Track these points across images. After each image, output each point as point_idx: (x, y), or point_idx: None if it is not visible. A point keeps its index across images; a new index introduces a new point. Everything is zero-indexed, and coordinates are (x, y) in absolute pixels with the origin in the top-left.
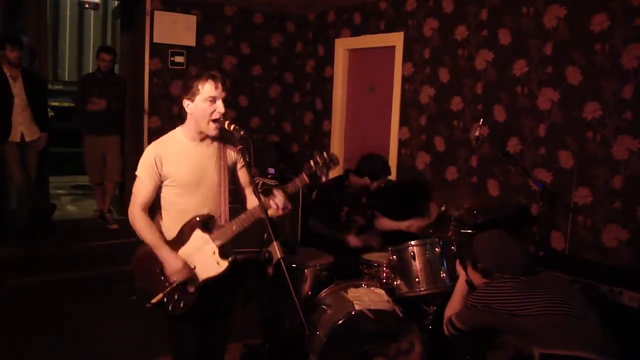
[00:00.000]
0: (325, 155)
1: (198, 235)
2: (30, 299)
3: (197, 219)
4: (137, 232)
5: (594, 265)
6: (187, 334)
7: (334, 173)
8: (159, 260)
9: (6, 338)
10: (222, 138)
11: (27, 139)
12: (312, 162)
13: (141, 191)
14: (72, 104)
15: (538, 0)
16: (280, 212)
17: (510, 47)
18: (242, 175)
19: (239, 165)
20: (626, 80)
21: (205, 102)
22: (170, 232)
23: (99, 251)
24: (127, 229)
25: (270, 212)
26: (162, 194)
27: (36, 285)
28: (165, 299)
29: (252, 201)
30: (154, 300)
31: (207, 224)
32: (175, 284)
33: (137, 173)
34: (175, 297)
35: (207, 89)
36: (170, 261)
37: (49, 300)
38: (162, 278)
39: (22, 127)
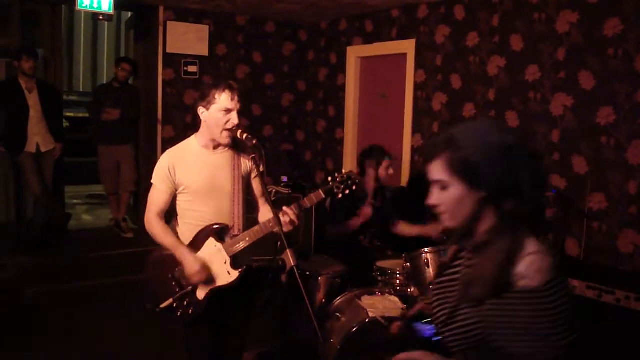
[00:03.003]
0: (344, 173)
1: (211, 243)
2: (45, 308)
3: (212, 227)
4: (155, 237)
5: (610, 271)
6: (202, 341)
7: None
8: (171, 266)
9: (22, 346)
10: (236, 146)
11: (43, 150)
12: (329, 179)
13: (156, 199)
14: (86, 115)
15: (550, 6)
16: (288, 227)
17: (522, 53)
18: (256, 184)
19: (252, 175)
20: None
21: (220, 112)
22: (186, 238)
23: (114, 260)
24: (142, 237)
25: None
26: (177, 202)
27: (52, 294)
28: (174, 304)
29: (264, 212)
30: (163, 305)
31: (221, 233)
32: (185, 290)
33: (152, 181)
34: (185, 303)
35: (224, 99)
36: (190, 262)
37: (65, 309)
38: (173, 284)
39: (38, 137)
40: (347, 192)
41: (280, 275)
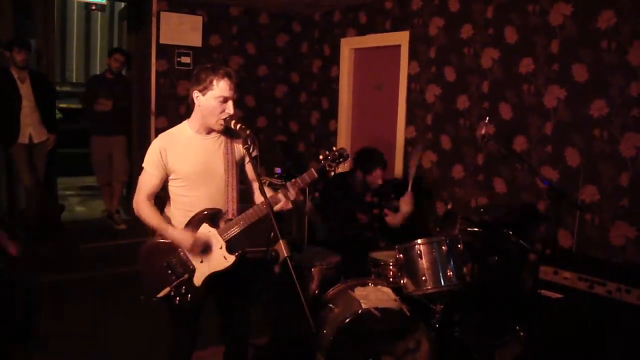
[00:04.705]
0: (334, 150)
1: (205, 229)
2: (38, 300)
3: (205, 212)
4: (143, 219)
5: (602, 263)
6: (188, 324)
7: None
8: (166, 254)
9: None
10: (229, 132)
11: (36, 141)
12: (321, 157)
13: (147, 183)
14: (79, 105)
15: None
16: (290, 204)
17: (516, 45)
18: (249, 170)
19: (246, 160)
20: (633, 77)
21: (216, 100)
22: (179, 225)
23: (107, 251)
24: (135, 229)
25: (280, 205)
26: (169, 187)
27: (44, 286)
28: (172, 293)
29: (259, 195)
30: (160, 294)
31: (214, 218)
32: (182, 278)
33: (143, 165)
34: (182, 290)
35: (222, 87)
36: (180, 237)
37: (57, 301)
38: (169, 272)
39: (31, 128)
40: (339, 169)
41: (273, 266)
